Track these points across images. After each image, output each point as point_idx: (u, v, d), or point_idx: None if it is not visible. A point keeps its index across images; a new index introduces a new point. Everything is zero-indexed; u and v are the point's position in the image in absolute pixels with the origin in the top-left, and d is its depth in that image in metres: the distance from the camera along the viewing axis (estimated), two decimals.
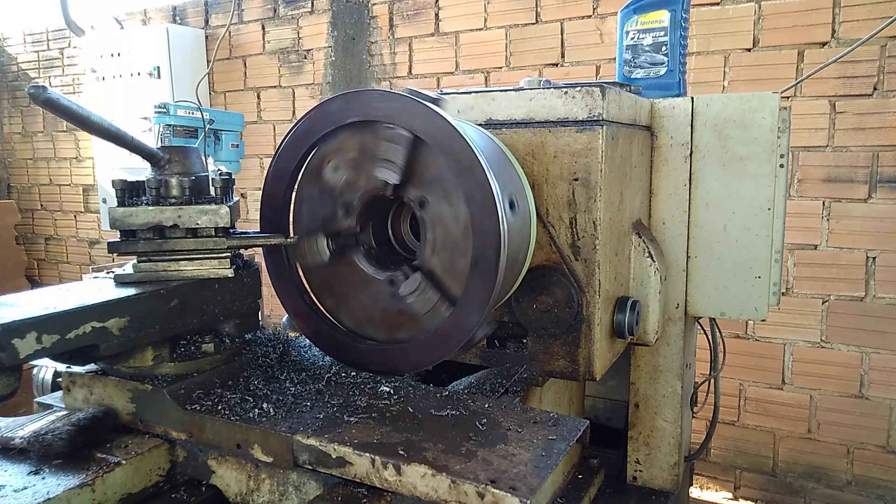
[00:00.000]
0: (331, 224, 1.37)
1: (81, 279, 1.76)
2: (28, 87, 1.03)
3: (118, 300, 1.11)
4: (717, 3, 3.18)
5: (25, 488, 1.00)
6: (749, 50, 3.15)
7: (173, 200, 1.25)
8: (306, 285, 1.42)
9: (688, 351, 1.85)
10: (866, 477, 3.15)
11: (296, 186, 1.40)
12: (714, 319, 2.04)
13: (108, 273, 1.34)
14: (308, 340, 1.45)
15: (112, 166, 4.74)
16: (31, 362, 1.01)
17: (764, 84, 3.09)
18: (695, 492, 3.48)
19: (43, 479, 1.03)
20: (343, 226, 1.36)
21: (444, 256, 1.28)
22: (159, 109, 3.08)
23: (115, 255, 1.25)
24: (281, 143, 1.38)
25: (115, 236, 1.27)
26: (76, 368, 1.24)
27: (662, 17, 1.85)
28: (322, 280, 1.40)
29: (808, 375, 3.19)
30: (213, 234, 1.25)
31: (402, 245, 1.47)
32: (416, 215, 1.33)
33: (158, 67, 4.51)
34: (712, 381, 2.07)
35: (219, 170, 1.49)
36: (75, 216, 5.79)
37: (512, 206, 1.26)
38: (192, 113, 3.17)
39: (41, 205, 6.01)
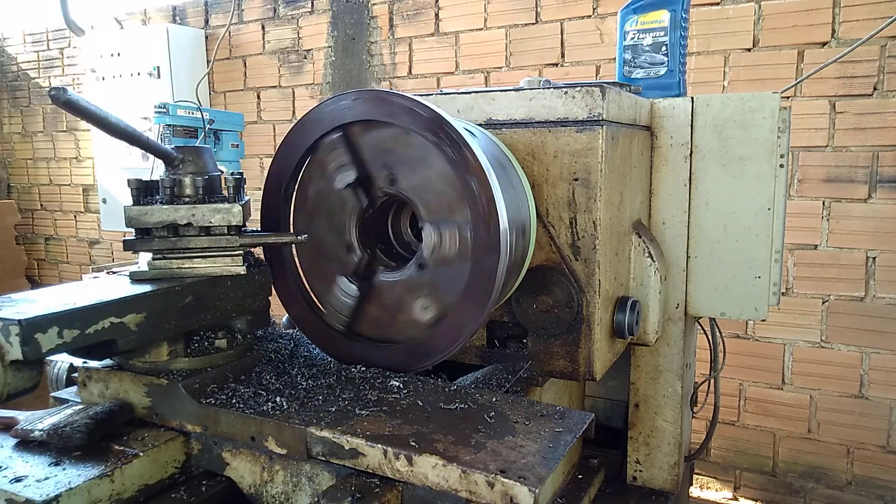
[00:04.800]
0: (343, 267, 1.40)
1: (81, 279, 1.76)
2: (49, 90, 1.04)
3: (135, 296, 1.14)
4: (717, 3, 3.18)
5: (47, 478, 1.02)
6: (749, 50, 3.15)
7: (187, 199, 1.28)
8: (357, 331, 1.41)
9: (688, 351, 1.85)
10: (866, 477, 3.15)
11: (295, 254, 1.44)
12: (714, 319, 2.04)
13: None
14: None
15: (112, 166, 4.74)
16: (49, 357, 1.03)
17: (764, 84, 3.10)
18: (695, 492, 3.49)
19: (64, 469, 1.06)
20: (353, 262, 1.39)
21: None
22: (159, 109, 3.08)
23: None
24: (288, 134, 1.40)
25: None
26: (92, 363, 1.26)
27: (662, 17, 1.85)
28: (365, 314, 1.39)
29: (808, 375, 3.19)
30: (226, 232, 1.28)
31: (395, 230, 1.49)
32: (401, 203, 1.35)
33: (158, 67, 4.51)
34: (712, 381, 2.07)
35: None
36: (75, 216, 5.79)
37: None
38: (192, 113, 3.17)
39: (41, 205, 6.01)
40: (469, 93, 1.53)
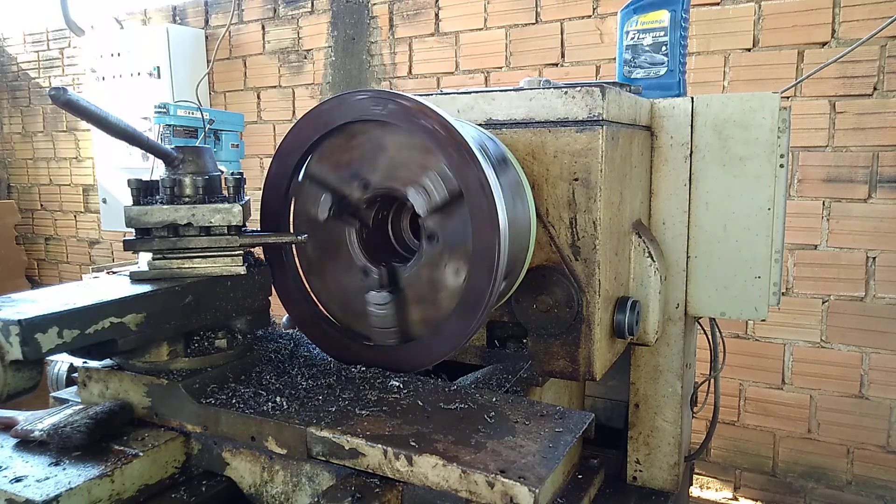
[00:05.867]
0: (342, 187, 1.35)
1: (81, 279, 1.76)
2: (49, 90, 1.04)
3: (135, 296, 1.13)
4: (717, 3, 3.18)
5: (47, 479, 1.02)
6: (749, 50, 3.15)
7: (187, 199, 1.28)
8: (291, 229, 1.41)
9: (688, 351, 1.85)
10: (866, 477, 3.15)
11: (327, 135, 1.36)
12: (714, 319, 2.04)
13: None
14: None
15: (112, 166, 4.74)
16: (49, 357, 1.03)
17: (764, 84, 3.10)
18: (695, 492, 3.49)
19: (64, 469, 1.05)
20: (353, 196, 1.35)
21: (422, 295, 1.29)
22: (159, 109, 3.08)
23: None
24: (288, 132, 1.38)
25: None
26: (92, 363, 1.26)
27: (662, 17, 1.85)
28: (308, 232, 1.39)
29: (808, 375, 3.19)
30: (226, 232, 1.28)
31: (398, 238, 1.47)
32: (390, 206, 1.34)
33: (158, 67, 4.51)
34: (712, 381, 2.07)
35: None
36: (75, 216, 5.79)
37: (506, 276, 1.27)
38: (192, 113, 3.17)
39: (41, 205, 6.01)
40: (469, 93, 1.53)
